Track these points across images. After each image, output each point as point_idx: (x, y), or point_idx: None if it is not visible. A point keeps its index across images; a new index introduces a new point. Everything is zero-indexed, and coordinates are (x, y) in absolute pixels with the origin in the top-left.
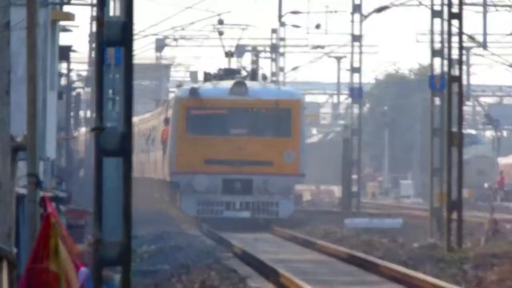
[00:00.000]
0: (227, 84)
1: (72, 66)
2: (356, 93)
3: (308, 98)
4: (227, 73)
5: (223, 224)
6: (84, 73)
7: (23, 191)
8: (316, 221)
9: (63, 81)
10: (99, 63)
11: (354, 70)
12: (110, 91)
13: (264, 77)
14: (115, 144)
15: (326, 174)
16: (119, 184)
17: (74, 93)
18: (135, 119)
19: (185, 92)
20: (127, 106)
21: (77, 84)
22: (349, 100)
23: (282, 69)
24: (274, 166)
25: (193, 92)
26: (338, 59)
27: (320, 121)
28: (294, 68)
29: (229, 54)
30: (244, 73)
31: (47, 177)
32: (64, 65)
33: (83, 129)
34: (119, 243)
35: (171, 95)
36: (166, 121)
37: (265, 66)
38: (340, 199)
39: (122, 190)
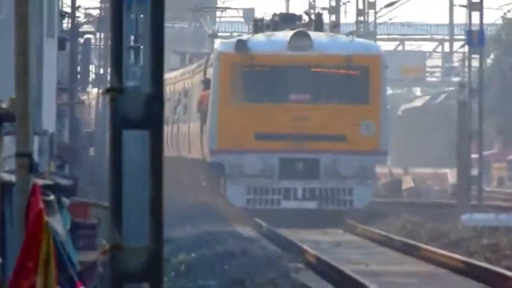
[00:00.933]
0: (285, 35)
1: (79, 2)
2: (476, 38)
3: (409, 46)
4: (284, 20)
5: (280, 218)
6: (95, 12)
7: (10, 177)
8: (419, 216)
9: (66, 24)
10: None
11: (473, 5)
12: (132, 37)
13: (334, 25)
14: (139, 111)
15: (436, 152)
16: (145, 167)
17: (81, 41)
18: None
19: (229, 45)
20: (155, 58)
21: (85, 27)
22: (466, 48)
23: (372, 5)
24: (348, 142)
25: (241, 45)
26: None
27: (425, 77)
28: (390, 4)
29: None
30: (306, 19)
31: (43, 157)
32: (67, 1)
33: (94, 91)
34: (145, 250)
35: (216, 44)
36: (205, 83)
37: (350, 2)
38: (454, 187)
39: (150, 175)
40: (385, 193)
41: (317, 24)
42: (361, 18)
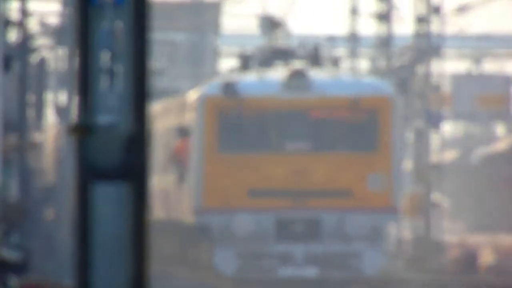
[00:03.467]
0: (279, 74)
1: (32, 5)
2: None
3: (488, 66)
4: (275, 55)
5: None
6: (54, 21)
7: None
8: None
9: (14, 36)
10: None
11: None
12: (106, 55)
13: (336, 61)
14: (115, 156)
15: None
16: (124, 233)
17: (35, 59)
18: None
19: (216, 88)
20: (139, 83)
21: (41, 41)
22: None
23: (436, 10)
24: (354, 197)
25: (229, 88)
26: None
27: (511, 110)
28: (461, 9)
29: (273, 24)
30: (301, 53)
31: None
32: (15, 4)
33: (53, 129)
34: None
35: (222, 61)
36: (182, 131)
37: (403, 4)
38: None
39: (131, 244)
40: (455, 270)
41: (314, 59)
42: (422, 29)
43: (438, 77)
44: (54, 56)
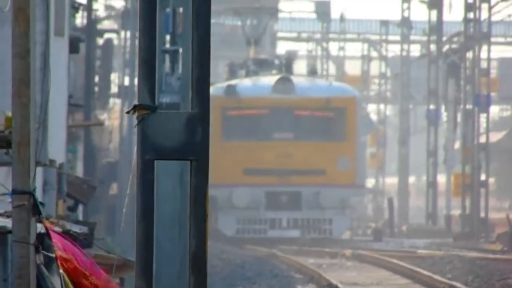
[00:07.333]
0: (268, 80)
1: None
2: None
3: None
4: (257, 65)
5: (267, 246)
6: (119, 4)
7: (5, 222)
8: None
9: (81, 20)
10: None
11: None
12: (168, 37)
13: (313, 71)
14: (177, 136)
15: None
16: (184, 211)
17: (100, 41)
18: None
19: (219, 89)
20: (200, 65)
21: (106, 24)
22: None
23: None
24: (327, 176)
25: (230, 89)
26: None
27: None
28: None
29: (252, 42)
30: (276, 63)
31: (49, 196)
32: None
33: (117, 107)
34: None
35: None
36: None
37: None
38: None
39: (190, 221)
40: (502, 246)
41: (287, 68)
42: (471, 15)
43: (486, 62)
44: (119, 39)
